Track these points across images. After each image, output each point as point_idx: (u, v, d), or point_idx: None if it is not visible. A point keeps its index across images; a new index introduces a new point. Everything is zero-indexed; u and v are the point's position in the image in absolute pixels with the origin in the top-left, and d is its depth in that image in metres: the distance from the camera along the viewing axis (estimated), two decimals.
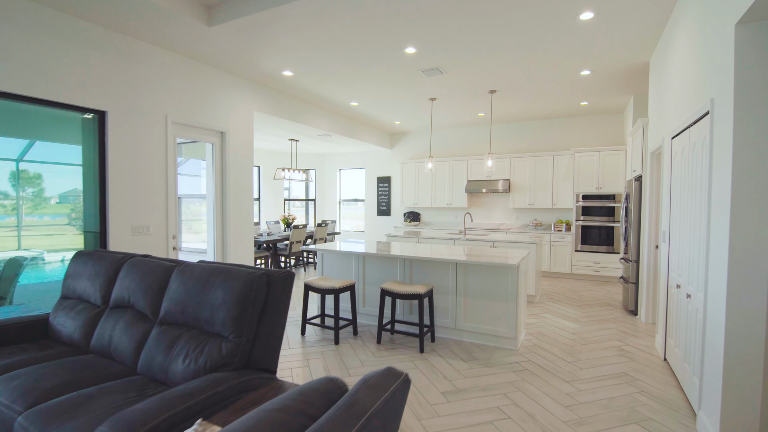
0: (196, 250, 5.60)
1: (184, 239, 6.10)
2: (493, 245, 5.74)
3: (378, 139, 9.20)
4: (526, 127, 8.26)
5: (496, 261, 3.59)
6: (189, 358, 2.00)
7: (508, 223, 8.43)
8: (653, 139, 4.41)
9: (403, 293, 3.74)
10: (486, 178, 8.31)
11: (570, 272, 7.30)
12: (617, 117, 7.46)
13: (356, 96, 6.42)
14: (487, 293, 3.88)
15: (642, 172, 4.80)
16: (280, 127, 7.03)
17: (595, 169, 7.13)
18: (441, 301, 4.11)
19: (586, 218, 7.17)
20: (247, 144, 5.66)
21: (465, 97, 6.37)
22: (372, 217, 10.12)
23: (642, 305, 4.74)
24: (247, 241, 5.68)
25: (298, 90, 6.09)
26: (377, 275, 4.48)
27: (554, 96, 6.31)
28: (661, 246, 3.82)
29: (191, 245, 5.77)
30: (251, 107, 5.68)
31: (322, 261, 4.85)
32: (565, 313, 5.05)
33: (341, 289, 3.97)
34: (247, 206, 5.68)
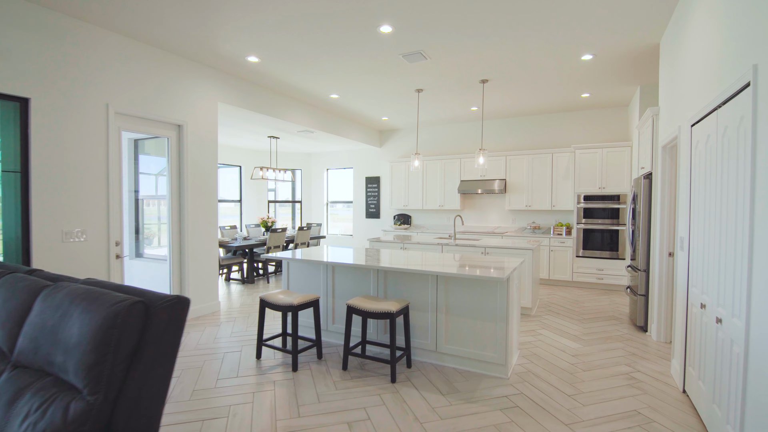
0: (159, 257, 5.02)
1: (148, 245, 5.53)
2: (485, 252, 5.15)
3: (366, 137, 8.63)
4: (522, 123, 7.67)
5: (481, 274, 3.00)
6: (28, 422, 1.41)
7: (504, 226, 7.84)
8: (665, 130, 3.82)
9: (372, 311, 3.15)
10: (480, 177, 7.73)
11: (571, 280, 6.70)
12: (621, 111, 6.87)
13: (335, 87, 5.85)
14: (472, 311, 3.29)
15: (652, 168, 4.21)
16: (254, 122, 6.46)
17: (598, 168, 6.54)
18: (419, 318, 3.52)
19: (588, 221, 6.58)
20: (210, 139, 5.09)
21: (454, 87, 5.79)
22: (360, 220, 9.53)
23: (653, 321, 4.14)
24: (209, 247, 5.10)
25: (268, 80, 5.53)
26: (349, 288, 3.90)
27: (553, 86, 5.73)
28: (677, 255, 3.23)
29: (156, 252, 5.19)
30: (215, 98, 5.11)
31: (288, 271, 4.27)
32: (565, 328, 4.45)
33: (301, 305, 3.39)
34: (210, 208, 5.10)
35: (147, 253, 5.65)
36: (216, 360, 3.57)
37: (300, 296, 3.48)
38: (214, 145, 5.14)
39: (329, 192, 10.32)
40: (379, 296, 3.73)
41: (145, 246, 5.62)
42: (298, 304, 3.35)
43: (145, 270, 5.35)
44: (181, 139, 4.78)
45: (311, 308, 3.84)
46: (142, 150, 5.38)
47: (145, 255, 5.60)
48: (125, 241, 5.38)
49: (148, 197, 5.50)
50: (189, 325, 4.60)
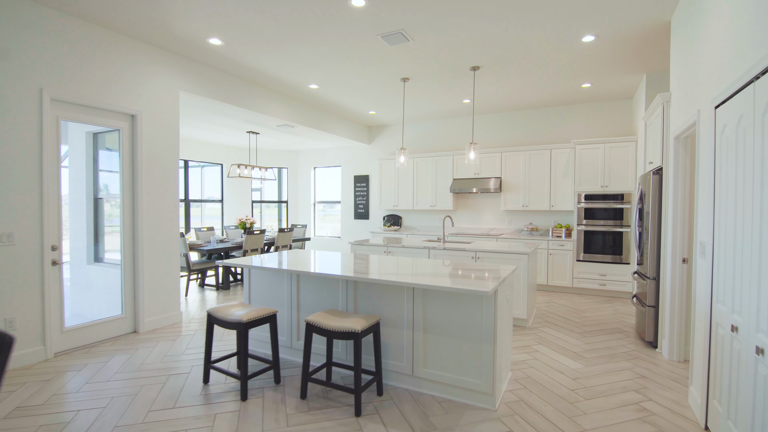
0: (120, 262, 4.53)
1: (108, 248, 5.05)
2: (476, 257, 4.64)
3: (353, 133, 8.12)
4: (518, 117, 7.17)
5: (462, 286, 2.49)
6: None
7: (500, 228, 7.33)
8: (678, 118, 3.32)
9: (334, 329, 2.64)
10: (474, 175, 7.22)
11: (571, 286, 6.19)
12: (625, 104, 6.37)
13: (313, 76, 5.35)
14: (454, 329, 2.78)
15: (662, 162, 3.71)
16: (228, 115, 5.96)
17: (600, 165, 6.04)
18: (394, 337, 3.01)
19: (589, 222, 6.07)
20: (171, 131, 4.58)
21: (443, 75, 5.29)
22: (349, 221, 9.03)
23: (664, 336, 3.63)
24: (170, 251, 4.60)
25: (238, 67, 5.02)
26: (315, 300, 3.39)
27: (551, 75, 5.23)
28: (696, 262, 2.72)
29: (118, 256, 4.68)
30: (175, 86, 4.61)
31: (249, 280, 3.76)
32: (564, 343, 3.94)
33: (252, 322, 2.88)
34: (170, 209, 4.60)
35: (109, 258, 5.15)
36: (156, 385, 3.06)
37: (253, 310, 2.98)
38: (175, 138, 4.64)
39: (317, 191, 9.81)
40: (348, 310, 3.22)
41: (106, 250, 5.12)
42: (248, 321, 2.84)
43: (102, 276, 4.85)
44: (135, 130, 4.28)
45: (266, 324, 3.31)
46: (103, 145, 4.87)
47: (106, 260, 5.10)
48: (82, 245, 4.92)
49: (110, 197, 4.99)
50: (140, 340, 4.09)
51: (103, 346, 3.95)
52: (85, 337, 3.96)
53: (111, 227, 4.99)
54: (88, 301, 4.81)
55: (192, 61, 4.77)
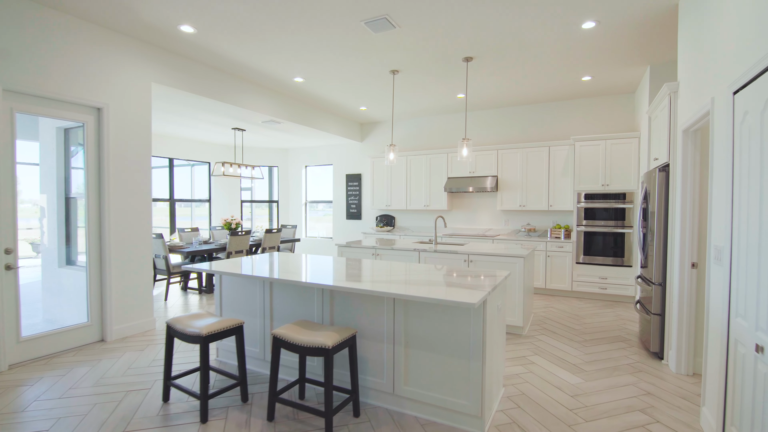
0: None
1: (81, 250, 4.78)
2: (468, 260, 4.34)
3: (345, 130, 7.83)
4: (515, 113, 6.87)
5: (446, 297, 2.19)
6: None
7: (496, 229, 7.03)
8: (688, 109, 3.02)
9: (303, 344, 2.35)
10: (469, 174, 6.92)
11: (570, 289, 5.90)
12: (627, 98, 6.07)
13: (297, 68, 5.05)
14: (438, 343, 2.49)
15: (669, 158, 3.41)
16: (209, 111, 5.66)
17: (601, 162, 5.74)
18: (373, 351, 2.72)
19: (589, 223, 5.78)
20: (142, 126, 4.29)
21: (435, 67, 4.99)
22: (341, 221, 8.73)
23: (671, 347, 3.34)
24: (140, 253, 4.30)
25: (216, 58, 4.72)
26: (290, 310, 3.09)
27: (549, 66, 4.93)
28: (711, 269, 2.42)
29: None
30: (146, 78, 4.31)
31: (220, 287, 3.46)
32: (562, 354, 3.65)
33: (212, 335, 2.58)
34: (141, 209, 4.31)
35: (81, 260, 4.84)
36: (111, 403, 2.77)
37: (217, 321, 2.68)
38: (147, 133, 4.34)
39: (308, 191, 9.51)
40: (324, 321, 2.92)
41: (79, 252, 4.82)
42: (208, 334, 2.55)
43: (73, 280, 4.55)
44: (102, 125, 3.98)
45: (232, 337, 2.99)
46: (75, 141, 4.57)
47: (78, 263, 4.79)
48: (53, 247, 4.62)
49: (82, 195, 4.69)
50: (106, 350, 3.80)
51: (64, 356, 3.66)
52: (45, 346, 3.66)
53: (83, 228, 4.69)
54: (59, 307, 4.52)
55: (165, 51, 4.47)
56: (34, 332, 3.63)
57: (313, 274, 2.88)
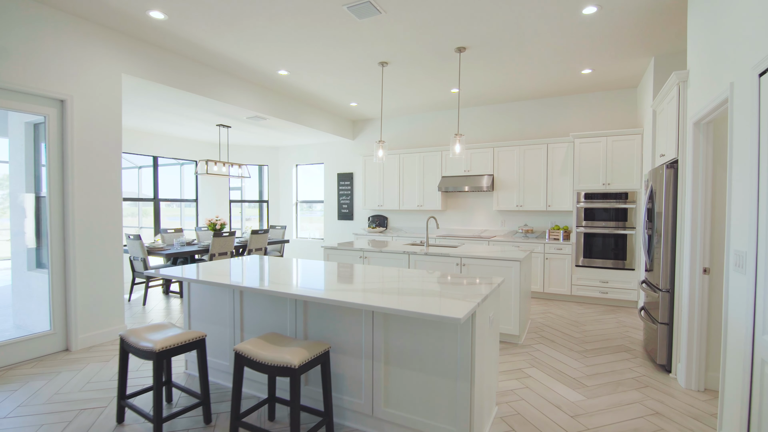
0: None
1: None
2: (461, 264, 4.06)
3: (336, 128, 7.54)
4: (512, 109, 6.59)
5: (427, 311, 1.91)
6: None
7: (492, 230, 6.75)
8: (699, 100, 2.75)
9: (267, 363, 2.06)
10: (464, 173, 6.64)
11: (569, 294, 5.62)
12: (629, 93, 5.80)
13: (280, 59, 4.76)
14: (422, 361, 2.20)
15: (678, 154, 3.13)
16: (190, 106, 5.37)
17: (602, 160, 5.47)
18: (351, 368, 2.43)
19: (589, 224, 5.50)
20: (111, 120, 4.00)
21: (426, 59, 4.71)
22: (332, 222, 8.44)
23: (680, 360, 3.06)
24: (110, 256, 4.01)
25: (192, 48, 4.43)
26: (261, 321, 2.81)
27: (547, 58, 4.65)
28: (730, 278, 2.14)
29: None
30: (116, 68, 4.02)
31: (189, 294, 3.18)
32: (561, 366, 3.37)
33: (167, 350, 2.30)
34: (111, 209, 4.02)
35: None
36: (59, 424, 2.48)
37: (175, 335, 2.39)
38: (117, 128, 4.05)
39: (299, 190, 9.22)
40: (297, 334, 2.64)
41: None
42: (162, 350, 2.26)
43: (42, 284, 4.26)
44: (65, 118, 3.69)
45: (193, 351, 2.65)
46: (46, 137, 4.28)
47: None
48: (23, 249, 4.33)
49: None
50: (68, 361, 3.51)
51: (22, 368, 3.36)
52: (3, 357, 3.37)
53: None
54: (28, 312, 4.23)
55: (136, 40, 4.18)
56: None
57: (286, 282, 2.59)
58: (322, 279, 2.67)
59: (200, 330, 3.14)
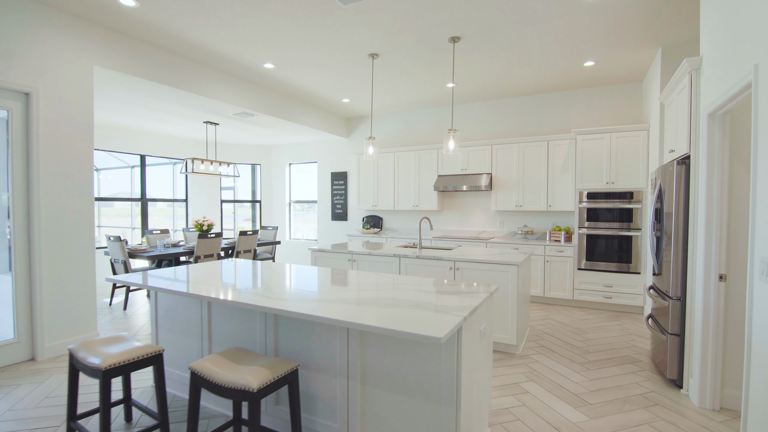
0: None
1: None
2: (454, 268, 3.80)
3: (328, 125, 7.29)
4: (511, 105, 6.32)
5: (404, 329, 1.65)
6: None
7: (491, 231, 6.48)
8: (714, 89, 2.48)
9: (223, 384, 1.81)
10: (461, 171, 6.38)
11: (571, 298, 5.34)
12: (634, 87, 5.52)
13: (264, 52, 4.51)
14: (402, 382, 1.94)
15: (690, 149, 2.86)
16: (173, 101, 5.13)
17: (606, 158, 5.20)
18: (324, 388, 2.17)
19: (592, 225, 5.23)
20: (82, 114, 3.75)
21: (418, 50, 4.44)
22: (326, 223, 8.19)
23: (692, 374, 2.79)
24: (81, 259, 3.76)
25: (170, 40, 4.18)
26: (230, 333, 2.55)
27: (547, 49, 4.38)
28: (755, 288, 1.87)
29: None
30: (87, 60, 3.78)
31: (156, 303, 2.92)
32: (562, 380, 3.10)
33: (116, 369, 2.04)
34: (83, 209, 3.78)
35: None
36: None
37: (127, 350, 2.14)
38: (89, 123, 3.80)
39: (292, 190, 8.97)
40: (266, 349, 2.38)
41: None
42: (108, 367, 2.00)
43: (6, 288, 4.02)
44: (30, 112, 3.44)
45: (149, 367, 2.37)
46: (9, 132, 4.03)
47: None
48: None
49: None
50: (32, 372, 3.26)
51: None
52: None
53: None
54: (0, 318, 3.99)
55: (108, 29, 3.93)
56: None
57: (256, 291, 2.33)
58: (296, 287, 2.41)
59: (168, 340, 2.89)
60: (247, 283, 2.53)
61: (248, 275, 2.79)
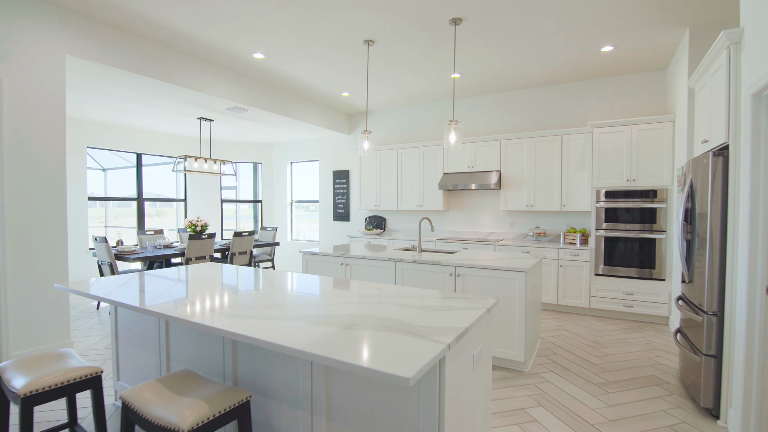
0: None
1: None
2: (455, 274, 3.42)
3: (329, 121, 6.96)
4: (520, 97, 5.89)
5: (358, 362, 1.29)
6: None
7: (500, 232, 6.06)
8: (760, 64, 2.05)
9: (153, 421, 1.47)
10: (468, 169, 5.98)
11: (587, 306, 4.90)
12: (658, 76, 5.04)
13: (252, 40, 4.19)
14: (374, 420, 1.57)
15: (729, 137, 2.43)
16: (159, 95, 4.86)
17: (626, 153, 4.74)
18: (286, 421, 1.82)
19: (611, 226, 4.78)
20: (54, 106, 3.49)
21: (416, 34, 4.07)
22: (327, 223, 7.87)
23: (734, 405, 2.35)
24: (53, 263, 3.49)
25: (149, 27, 3.89)
26: (189, 351, 2.22)
27: (560, 31, 3.96)
28: None
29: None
30: (59, 49, 3.51)
31: (116, 314, 2.62)
32: (576, 405, 2.69)
33: (38, 395, 1.73)
34: (53, 209, 3.51)
35: None
36: None
37: (57, 371, 1.82)
38: (60, 117, 3.54)
39: (294, 190, 8.67)
40: (224, 375, 2.04)
41: None
42: (27, 395, 1.69)
43: None
44: None
45: (88, 391, 2.06)
46: None
47: None
48: None
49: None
50: None
51: None
52: None
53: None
54: None
55: (82, 16, 3.66)
56: None
57: (214, 306, 1.99)
58: (264, 300, 2.07)
59: (128, 355, 2.58)
60: (213, 294, 2.19)
61: (217, 284, 2.46)
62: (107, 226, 7.69)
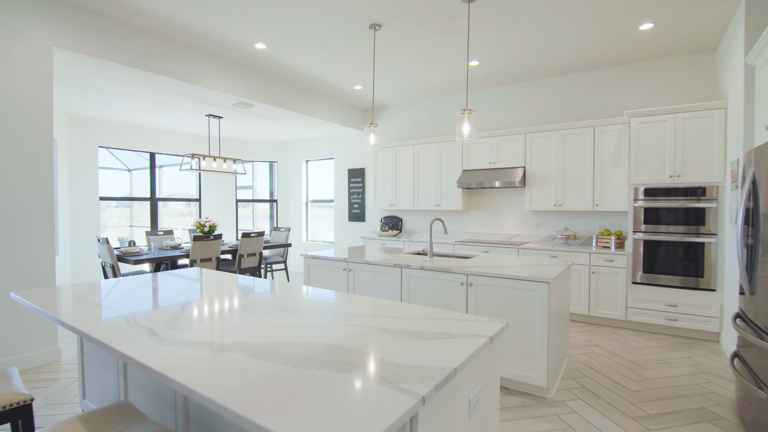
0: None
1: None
2: (467, 283, 3.00)
3: (343, 117, 6.65)
4: (548, 86, 5.37)
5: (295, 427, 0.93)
6: None
7: (525, 234, 5.57)
8: None
9: None
10: (489, 165, 5.51)
11: (623, 318, 4.35)
12: (706, 59, 4.43)
13: (252, 28, 3.92)
14: None
15: None
16: (162, 91, 4.68)
17: (668, 145, 4.17)
18: None
19: (651, 228, 4.22)
20: (41, 100, 3.32)
21: (427, 15, 3.67)
22: (343, 224, 7.56)
23: None
24: (41, 266, 3.33)
25: (142, 16, 3.67)
26: (147, 379, 1.93)
27: (592, 6, 3.47)
28: None
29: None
30: (45, 40, 3.34)
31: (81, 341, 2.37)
32: None
33: None
34: (40, 209, 3.34)
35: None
36: None
37: None
38: (47, 114, 3.36)
39: (309, 189, 8.42)
40: (175, 409, 1.73)
41: None
42: None
43: None
44: None
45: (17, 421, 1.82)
46: None
47: None
48: None
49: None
50: None
51: None
52: None
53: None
54: None
55: (70, 6, 3.48)
56: None
57: (160, 322, 1.69)
58: (234, 319, 1.75)
59: (93, 372, 2.33)
60: (174, 307, 1.89)
61: (197, 299, 2.16)
62: (132, 226, 7.70)
